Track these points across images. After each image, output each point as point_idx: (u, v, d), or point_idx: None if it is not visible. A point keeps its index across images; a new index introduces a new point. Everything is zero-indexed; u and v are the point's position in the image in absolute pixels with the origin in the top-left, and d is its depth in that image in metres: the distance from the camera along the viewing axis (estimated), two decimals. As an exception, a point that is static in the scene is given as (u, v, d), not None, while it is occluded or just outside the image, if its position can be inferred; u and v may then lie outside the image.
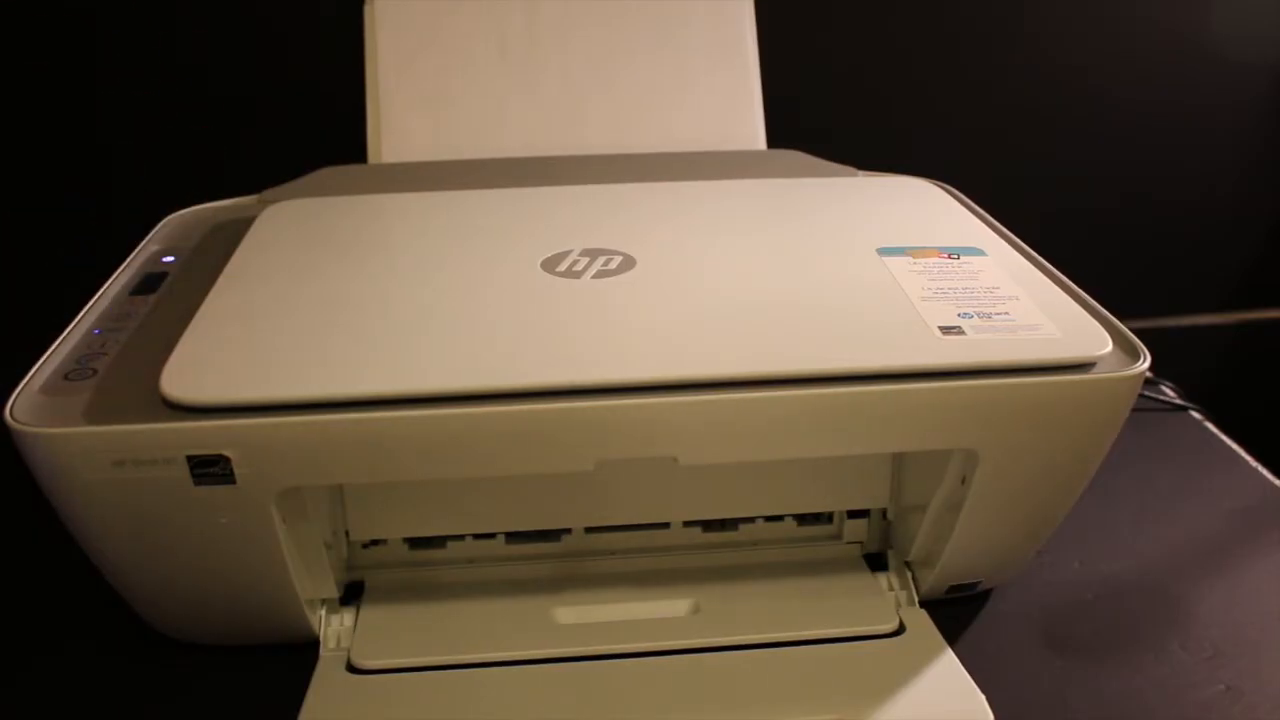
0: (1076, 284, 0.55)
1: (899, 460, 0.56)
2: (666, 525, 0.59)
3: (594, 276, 0.53)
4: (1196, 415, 0.77)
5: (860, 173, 0.73)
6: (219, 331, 0.49)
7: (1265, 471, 0.71)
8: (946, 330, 0.48)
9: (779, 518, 0.59)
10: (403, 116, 0.75)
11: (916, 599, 0.56)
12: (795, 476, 0.57)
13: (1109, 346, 0.48)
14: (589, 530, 0.58)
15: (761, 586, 0.57)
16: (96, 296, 0.56)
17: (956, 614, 0.56)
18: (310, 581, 0.52)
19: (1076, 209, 1.06)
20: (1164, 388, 0.79)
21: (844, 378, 0.46)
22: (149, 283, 0.57)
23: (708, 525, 0.59)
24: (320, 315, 0.50)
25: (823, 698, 0.49)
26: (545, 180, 0.67)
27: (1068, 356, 0.47)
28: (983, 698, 0.49)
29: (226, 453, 0.44)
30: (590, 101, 0.77)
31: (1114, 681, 0.53)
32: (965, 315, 0.50)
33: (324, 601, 0.54)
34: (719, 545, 0.59)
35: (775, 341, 0.48)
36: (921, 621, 0.54)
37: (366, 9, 0.77)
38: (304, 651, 0.52)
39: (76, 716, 0.51)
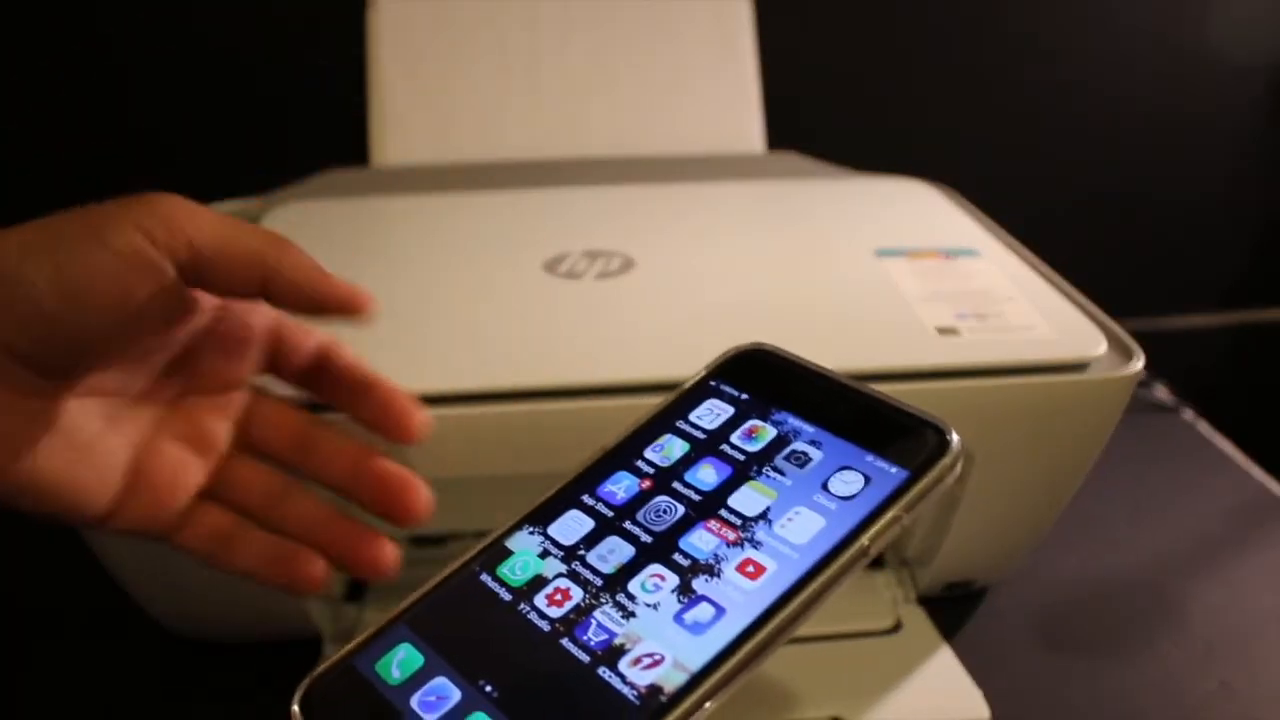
0: (1072, 284, 0.55)
1: (896, 459, 0.57)
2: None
3: (595, 278, 0.53)
4: (1190, 416, 0.78)
5: (859, 174, 0.74)
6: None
7: (1258, 472, 0.71)
8: (943, 331, 0.49)
9: (778, 516, 0.59)
10: (405, 119, 0.76)
11: (914, 596, 0.56)
12: (794, 476, 0.57)
13: (1104, 347, 0.48)
14: (589, 529, 0.59)
15: (760, 585, 0.57)
16: (101, 297, 0.56)
17: (953, 611, 0.56)
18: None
19: (1074, 209, 1.06)
20: (1158, 388, 0.79)
21: (842, 378, 0.46)
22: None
23: (707, 524, 0.59)
24: (324, 316, 0.50)
25: (820, 695, 0.49)
26: (546, 182, 0.67)
27: (1063, 357, 0.47)
28: (980, 694, 0.50)
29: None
30: (590, 104, 0.77)
31: (1110, 678, 0.53)
32: (962, 316, 0.50)
33: (327, 599, 0.54)
34: (718, 544, 0.59)
35: (774, 342, 0.48)
36: (918, 619, 0.55)
37: (369, 12, 0.78)
38: (307, 649, 0.53)
39: (80, 714, 0.51)
